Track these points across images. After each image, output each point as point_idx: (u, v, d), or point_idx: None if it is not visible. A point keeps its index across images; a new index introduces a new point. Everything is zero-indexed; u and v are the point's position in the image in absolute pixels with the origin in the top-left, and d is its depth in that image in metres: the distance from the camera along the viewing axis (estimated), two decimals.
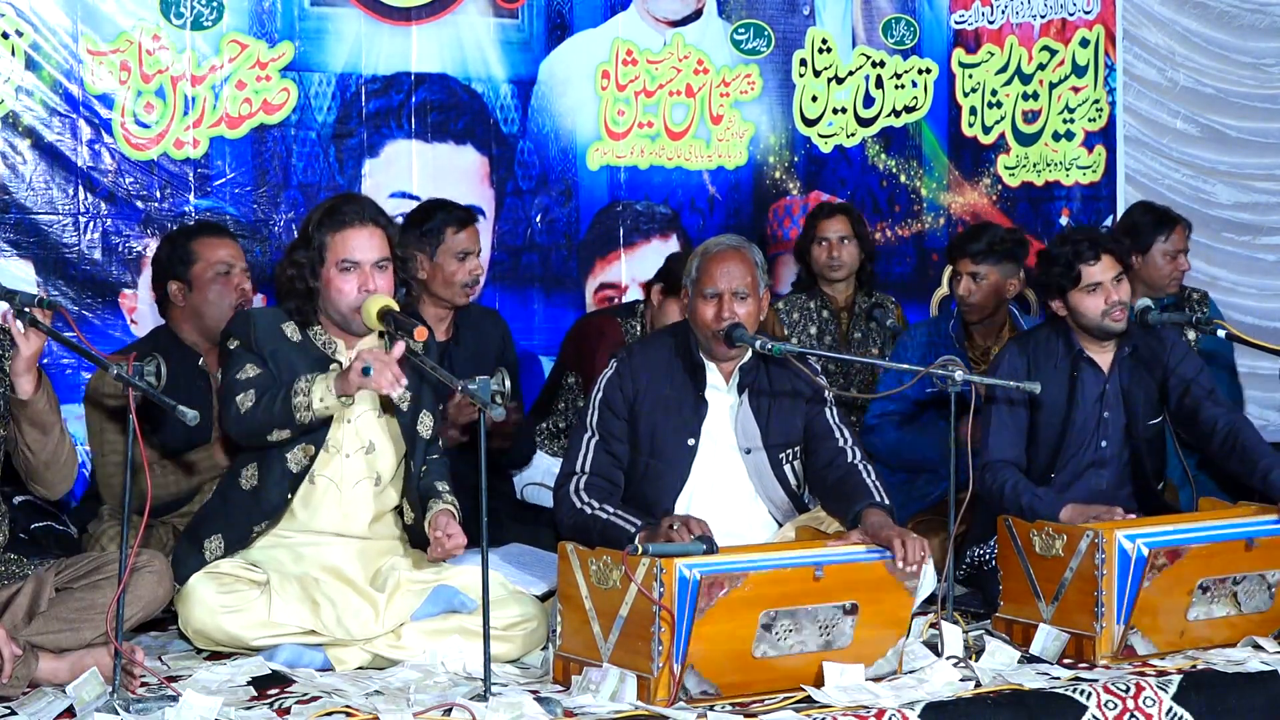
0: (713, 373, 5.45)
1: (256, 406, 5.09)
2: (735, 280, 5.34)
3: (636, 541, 4.90)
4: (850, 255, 7.52)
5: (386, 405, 5.34)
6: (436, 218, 6.46)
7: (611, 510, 5.21)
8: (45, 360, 6.25)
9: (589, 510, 5.23)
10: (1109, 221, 8.93)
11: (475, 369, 5.19)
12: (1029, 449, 5.94)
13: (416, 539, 5.45)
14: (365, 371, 4.93)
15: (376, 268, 5.22)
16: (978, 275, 6.93)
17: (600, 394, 5.43)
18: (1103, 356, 5.95)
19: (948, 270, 8.41)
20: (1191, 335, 7.18)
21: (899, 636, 5.06)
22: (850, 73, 8.43)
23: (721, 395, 5.46)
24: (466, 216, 6.49)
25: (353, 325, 5.24)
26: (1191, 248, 9.24)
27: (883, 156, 8.57)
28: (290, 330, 5.29)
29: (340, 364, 5.23)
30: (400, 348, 4.99)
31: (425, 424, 5.44)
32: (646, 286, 7.02)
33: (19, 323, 4.55)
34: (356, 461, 5.33)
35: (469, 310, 6.63)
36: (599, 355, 6.71)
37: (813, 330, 7.48)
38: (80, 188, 6.87)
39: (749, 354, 5.43)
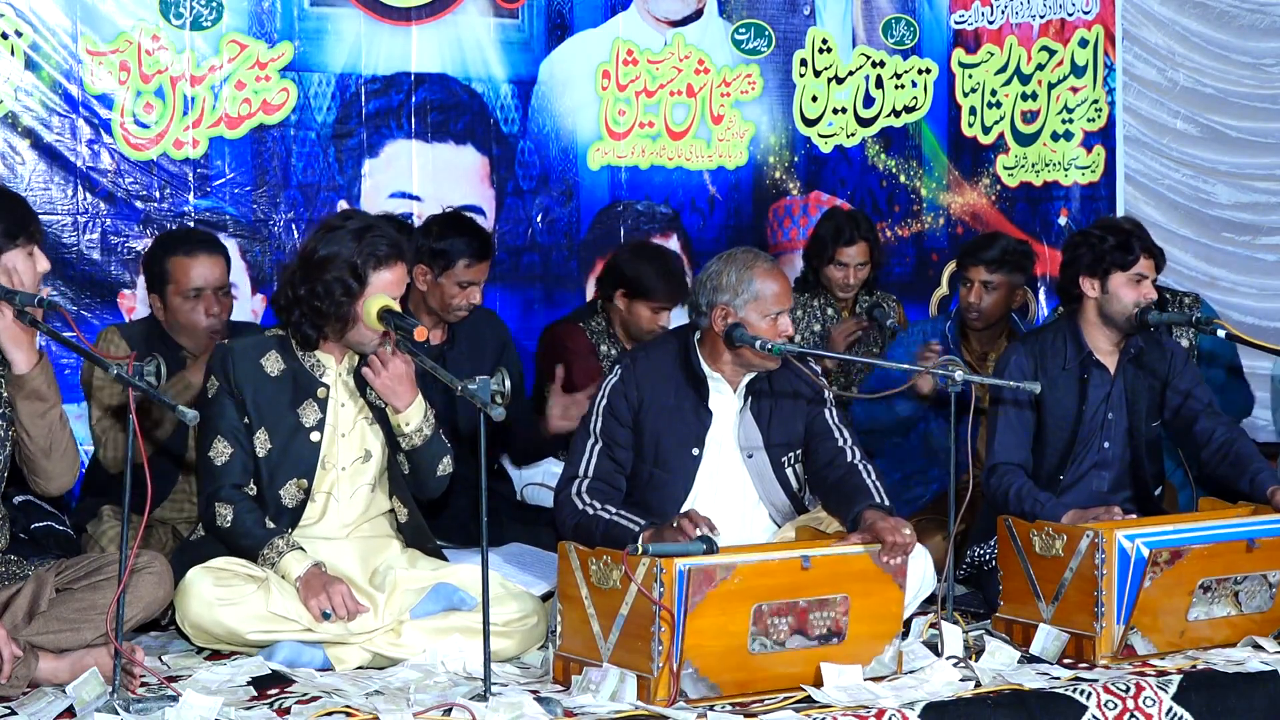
0: (718, 381, 5.44)
1: (230, 533, 5.20)
2: (791, 299, 5.39)
3: (640, 541, 4.90)
4: (863, 277, 7.52)
5: (377, 413, 5.36)
6: (455, 244, 6.36)
7: (614, 510, 5.20)
8: None
9: (591, 511, 5.22)
10: None
11: (472, 371, 5.18)
12: (1038, 451, 5.93)
13: (412, 538, 5.45)
14: (325, 616, 5.06)
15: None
16: (990, 284, 6.92)
17: (605, 400, 5.41)
18: (1109, 358, 5.96)
19: (948, 270, 8.43)
20: (1186, 338, 7.19)
21: (894, 633, 5.06)
22: (850, 73, 8.44)
23: (726, 401, 5.45)
24: (483, 250, 6.39)
25: (366, 345, 5.26)
26: (1191, 248, 9.28)
27: (882, 156, 8.57)
28: (271, 364, 5.29)
29: (327, 388, 5.28)
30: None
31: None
32: (599, 285, 7.06)
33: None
34: (355, 472, 5.36)
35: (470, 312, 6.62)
36: (575, 365, 6.70)
37: (817, 328, 7.49)
38: (79, 188, 6.87)
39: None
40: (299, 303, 5.24)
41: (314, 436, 5.29)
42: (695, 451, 5.41)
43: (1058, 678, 5.11)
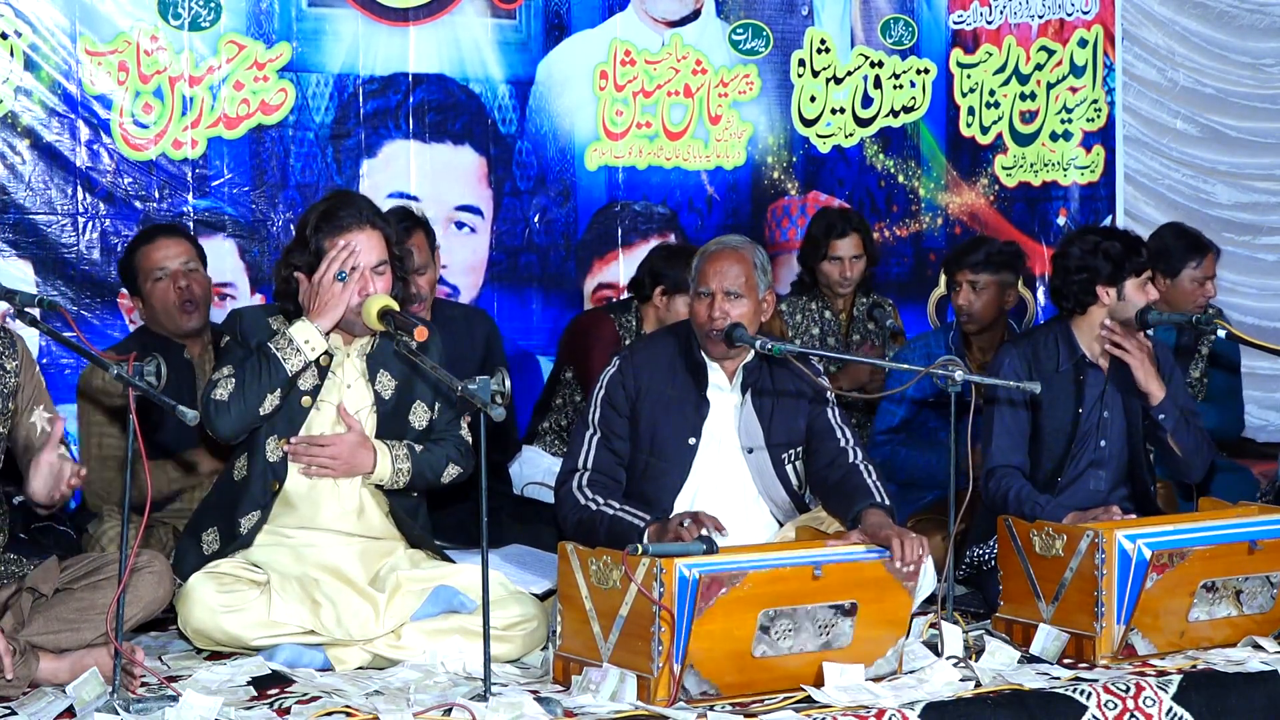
0: (716, 372, 5.45)
1: (241, 385, 5.11)
2: (728, 280, 5.35)
3: (645, 537, 4.90)
4: (860, 271, 7.52)
5: (381, 404, 5.35)
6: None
7: (617, 505, 5.20)
8: (44, 360, 6.30)
9: (594, 506, 5.22)
10: (1108, 221, 8.94)
11: (455, 371, 5.12)
12: (1035, 452, 5.92)
13: (406, 526, 5.44)
14: (339, 277, 5.08)
15: (374, 272, 5.20)
16: (976, 285, 6.94)
17: (603, 391, 5.43)
18: (1103, 359, 5.95)
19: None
20: (1206, 345, 7.23)
21: (899, 636, 5.05)
22: (849, 73, 8.44)
23: (724, 395, 5.46)
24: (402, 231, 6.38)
25: (354, 327, 5.23)
26: None
27: (881, 157, 8.57)
28: (277, 323, 5.27)
29: (331, 356, 5.27)
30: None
31: (419, 415, 5.41)
32: (636, 287, 7.05)
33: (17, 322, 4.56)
34: None
35: (449, 311, 6.60)
36: (594, 352, 6.74)
37: (815, 332, 7.49)
38: (79, 188, 6.87)
39: (750, 354, 5.43)
40: (277, 288, 5.29)
41: (304, 401, 5.26)
42: (691, 441, 5.41)
43: (1058, 678, 5.10)
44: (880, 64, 8.51)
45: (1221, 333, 5.98)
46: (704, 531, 4.95)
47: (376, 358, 5.34)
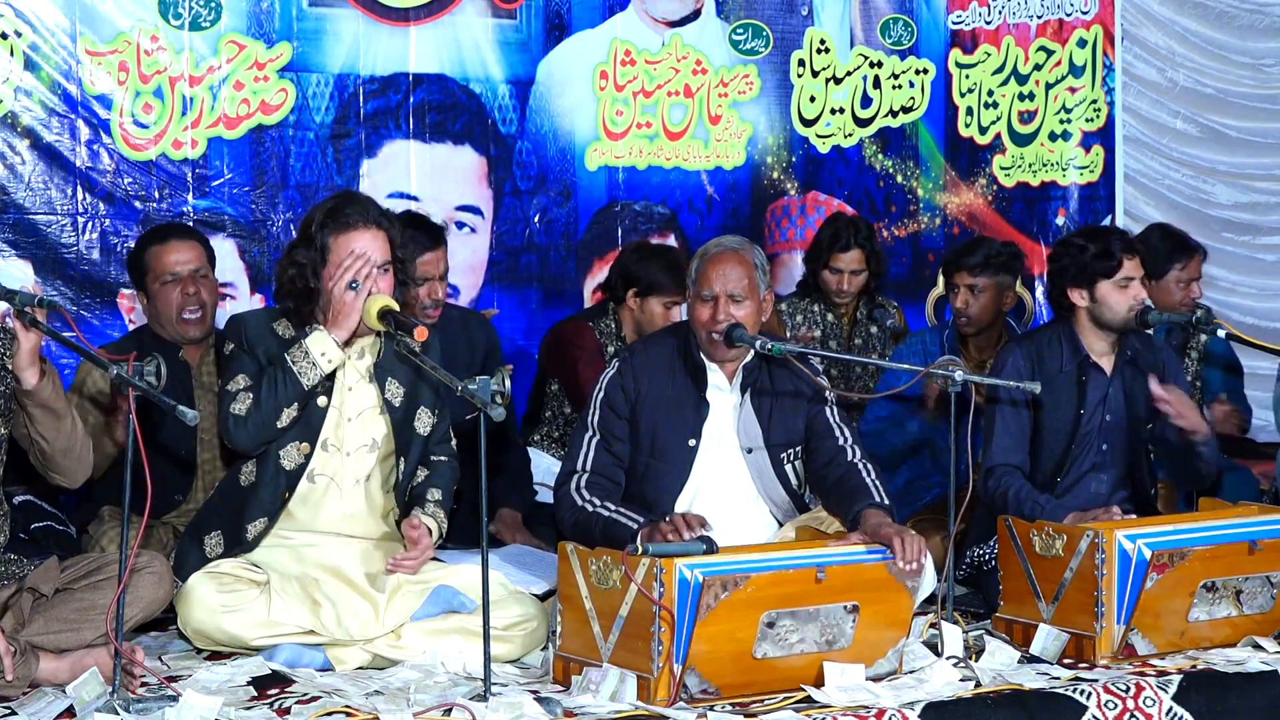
0: (715, 373, 5.45)
1: (258, 399, 5.11)
2: (731, 283, 5.34)
3: (637, 539, 4.89)
4: (859, 284, 7.49)
5: (391, 409, 5.35)
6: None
7: (613, 508, 5.20)
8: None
9: (590, 508, 5.23)
10: (1107, 221, 8.94)
11: (454, 373, 5.11)
12: (1035, 453, 5.92)
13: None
14: (352, 286, 5.08)
15: (379, 270, 5.20)
16: (975, 288, 6.93)
17: (602, 393, 5.43)
18: (1105, 360, 5.94)
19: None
20: (1196, 349, 7.21)
21: (900, 637, 5.05)
22: (848, 73, 8.44)
23: (723, 395, 5.45)
24: (431, 241, 6.33)
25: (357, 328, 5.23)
26: None
27: (880, 157, 8.57)
28: (282, 328, 5.27)
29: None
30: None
31: (423, 420, 5.42)
32: (609, 289, 7.05)
33: (14, 320, 4.56)
34: (359, 459, 5.32)
35: (449, 314, 6.59)
36: (580, 363, 6.72)
37: (816, 334, 7.48)
38: (78, 188, 6.87)
39: (750, 354, 5.42)
40: (279, 285, 5.28)
41: (320, 401, 5.26)
42: (691, 443, 5.41)
43: (1058, 678, 5.11)
44: (879, 64, 8.52)
45: (1222, 333, 5.98)
46: (697, 532, 4.94)
47: (385, 365, 5.34)
